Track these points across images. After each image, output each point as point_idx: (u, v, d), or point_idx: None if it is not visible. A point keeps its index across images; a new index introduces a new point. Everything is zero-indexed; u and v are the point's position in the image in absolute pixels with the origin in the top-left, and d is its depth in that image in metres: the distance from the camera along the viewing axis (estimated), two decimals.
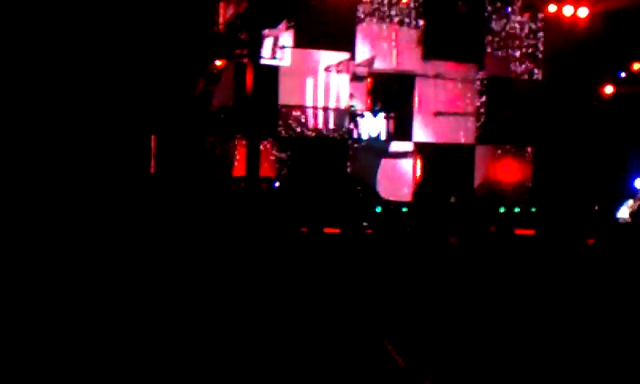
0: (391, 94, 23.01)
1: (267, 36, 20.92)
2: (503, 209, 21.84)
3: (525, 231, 17.54)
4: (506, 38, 23.79)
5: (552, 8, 21.75)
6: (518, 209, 21.99)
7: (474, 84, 23.82)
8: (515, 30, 23.82)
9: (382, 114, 22.49)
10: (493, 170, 24.09)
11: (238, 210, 18.25)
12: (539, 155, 24.07)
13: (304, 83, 22.36)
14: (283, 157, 22.15)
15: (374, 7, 22.73)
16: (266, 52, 20.91)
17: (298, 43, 21.82)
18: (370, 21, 22.77)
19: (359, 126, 22.45)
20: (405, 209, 21.27)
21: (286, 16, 21.49)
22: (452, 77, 23.49)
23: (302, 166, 22.06)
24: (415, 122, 23.48)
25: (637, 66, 22.75)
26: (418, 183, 23.37)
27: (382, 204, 21.39)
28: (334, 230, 16.94)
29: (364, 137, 22.49)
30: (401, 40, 23.07)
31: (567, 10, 21.38)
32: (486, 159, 24.07)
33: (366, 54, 22.77)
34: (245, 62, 20.02)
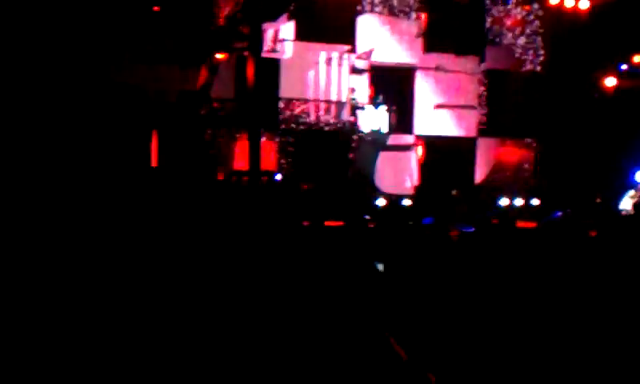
0: (392, 87, 22.98)
1: (268, 29, 20.92)
2: (505, 201, 21.84)
3: (527, 224, 17.50)
4: (507, 30, 23.77)
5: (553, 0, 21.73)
6: (520, 201, 21.99)
7: (475, 76, 23.81)
8: (516, 22, 23.79)
9: (383, 107, 22.42)
10: (494, 162, 24.07)
11: (239, 204, 18.22)
12: (541, 147, 24.07)
13: (305, 76, 22.32)
14: (285, 150, 22.13)
15: None
16: (267, 45, 20.89)
17: (299, 36, 21.80)
18: (371, 13, 22.74)
19: (360, 119, 22.40)
20: (406, 202, 21.25)
21: (286, 9, 21.46)
22: (453, 69, 23.46)
23: (304, 159, 22.04)
24: (416, 114, 23.48)
25: (638, 58, 22.71)
26: (419, 176, 23.35)
27: (383, 197, 21.38)
28: (335, 223, 16.90)
29: (365, 130, 22.44)
30: (402, 32, 23.04)
31: (568, 2, 21.35)
32: (487, 152, 24.06)
33: (366, 47, 22.74)
34: (246, 55, 20.01)
